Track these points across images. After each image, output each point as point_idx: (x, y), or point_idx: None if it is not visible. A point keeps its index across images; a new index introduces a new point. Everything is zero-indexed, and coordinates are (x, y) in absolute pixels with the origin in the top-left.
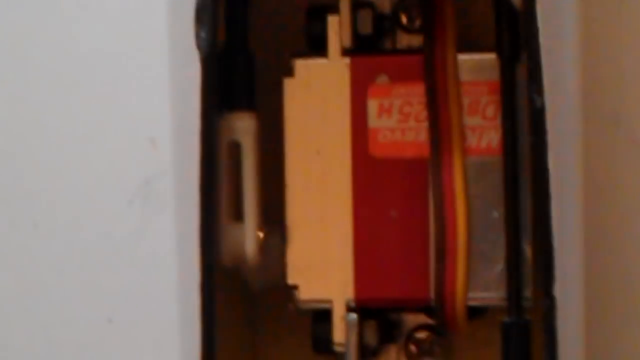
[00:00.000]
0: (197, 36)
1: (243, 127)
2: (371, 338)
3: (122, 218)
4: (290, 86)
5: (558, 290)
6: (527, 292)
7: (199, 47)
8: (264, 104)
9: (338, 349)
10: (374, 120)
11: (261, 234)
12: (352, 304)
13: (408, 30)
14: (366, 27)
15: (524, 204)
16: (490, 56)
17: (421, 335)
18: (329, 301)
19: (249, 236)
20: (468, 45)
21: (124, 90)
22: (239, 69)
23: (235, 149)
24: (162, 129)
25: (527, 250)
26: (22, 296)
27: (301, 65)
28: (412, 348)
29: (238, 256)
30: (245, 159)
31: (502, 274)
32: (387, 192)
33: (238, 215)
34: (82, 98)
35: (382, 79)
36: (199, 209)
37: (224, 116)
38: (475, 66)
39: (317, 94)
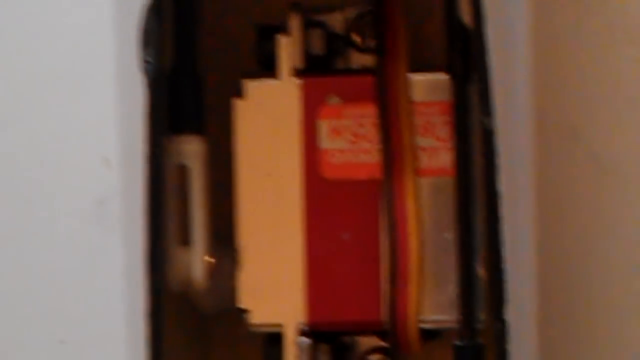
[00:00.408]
0: (143, 61)
1: (191, 151)
2: None
3: (75, 239)
4: (240, 108)
5: (512, 312)
6: (481, 315)
7: (145, 71)
8: (216, 125)
9: None
10: (325, 141)
11: (209, 259)
12: (305, 328)
13: (361, 49)
14: (317, 47)
15: (476, 226)
16: (443, 76)
17: (375, 358)
18: (281, 325)
19: (196, 261)
20: (421, 65)
21: (77, 111)
22: (187, 92)
23: (183, 172)
24: (116, 150)
25: (481, 273)
26: None
27: (252, 86)
28: None
29: (186, 281)
30: (193, 183)
31: (455, 296)
32: (339, 214)
33: (186, 239)
34: (32, 117)
35: (334, 100)
36: (145, 233)
37: (172, 139)
38: (428, 86)
39: (268, 115)
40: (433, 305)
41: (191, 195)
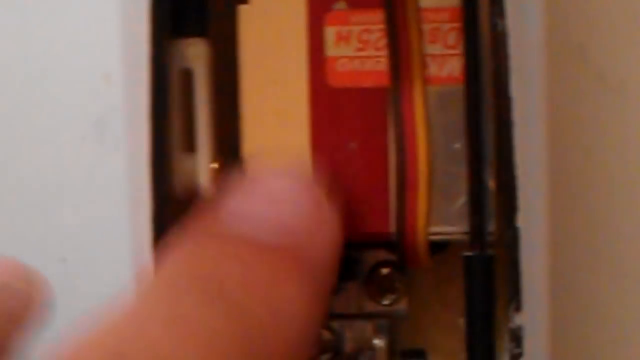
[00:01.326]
0: None
1: (195, 54)
2: None
3: (75, 156)
4: (245, 14)
5: (521, 222)
6: (491, 226)
7: None
8: (220, 31)
9: None
10: (331, 48)
11: (215, 165)
12: None
13: None
14: None
15: (486, 135)
16: None
17: (383, 271)
18: None
19: (202, 167)
20: None
21: (77, 25)
22: None
23: (187, 77)
24: (116, 65)
25: (490, 183)
26: None
27: None
28: (374, 284)
29: (192, 188)
30: (198, 86)
31: (464, 208)
32: (346, 123)
33: (191, 146)
34: (31, 32)
35: (340, 6)
36: (149, 139)
37: (175, 43)
38: None
39: (273, 21)
40: (442, 216)
41: (196, 101)
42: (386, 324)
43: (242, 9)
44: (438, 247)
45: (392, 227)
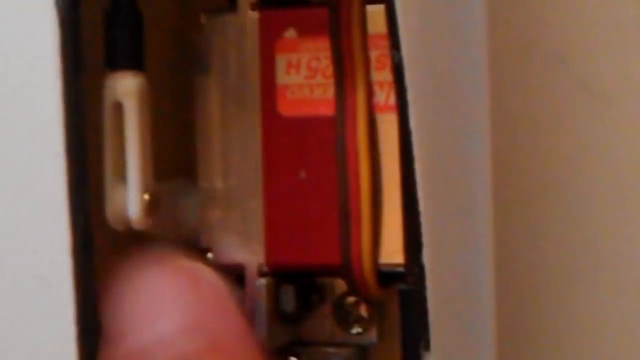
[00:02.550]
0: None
1: (125, 87)
2: (288, 304)
3: None
4: (201, 43)
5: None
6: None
7: (57, 6)
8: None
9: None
10: (282, 76)
11: (147, 196)
12: (265, 269)
13: None
14: None
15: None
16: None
17: (349, 300)
18: (242, 266)
19: (132, 198)
20: None
21: None
22: (123, 27)
23: (119, 109)
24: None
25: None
26: None
27: (212, 21)
28: (341, 313)
29: (124, 219)
30: (127, 120)
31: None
32: (296, 152)
33: (123, 177)
34: None
35: (290, 34)
36: (67, 173)
37: (108, 76)
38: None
39: (228, 50)
40: (387, 246)
41: (126, 133)
42: (354, 353)
43: (196, 37)
44: (395, 277)
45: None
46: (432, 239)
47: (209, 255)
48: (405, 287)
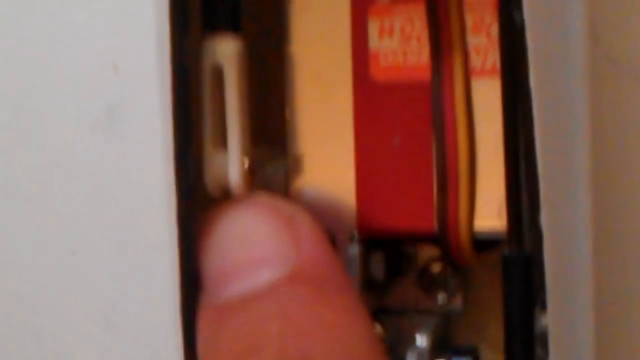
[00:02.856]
0: None
1: (225, 51)
2: (378, 271)
3: (84, 145)
4: (289, 8)
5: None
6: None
7: None
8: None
9: None
10: (375, 41)
11: (246, 162)
12: (356, 235)
13: None
14: None
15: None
16: None
17: (435, 268)
18: (333, 233)
19: (232, 164)
20: None
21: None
22: None
23: (218, 74)
24: (126, 54)
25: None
26: None
27: None
28: (427, 281)
29: (223, 186)
30: (228, 84)
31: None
32: (390, 118)
33: (223, 143)
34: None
35: None
36: (172, 138)
37: (206, 38)
38: None
39: (317, 16)
40: (484, 212)
41: (226, 97)
42: (433, 320)
43: (287, 2)
44: (488, 245)
45: (436, 224)
46: (546, 201)
47: None
48: (513, 252)
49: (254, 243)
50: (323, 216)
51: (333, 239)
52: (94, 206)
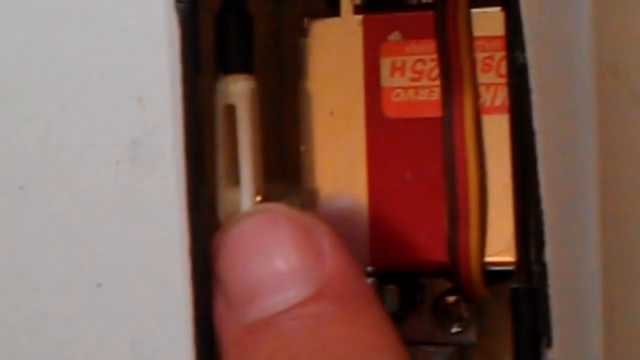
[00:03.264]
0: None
1: (238, 90)
2: (392, 303)
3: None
4: (304, 46)
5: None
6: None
7: (177, 10)
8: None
9: None
10: (386, 79)
11: (259, 198)
12: (370, 269)
13: None
14: None
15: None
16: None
17: (449, 299)
18: None
19: (244, 200)
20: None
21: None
22: (234, 30)
23: (231, 112)
24: (150, 88)
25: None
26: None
27: (315, 25)
28: (441, 313)
29: None
30: (240, 122)
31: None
32: (402, 153)
33: (235, 179)
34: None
35: (395, 36)
36: (185, 173)
37: (219, 79)
38: (490, 20)
39: (331, 54)
40: (494, 245)
41: (239, 135)
42: (447, 352)
43: (302, 42)
44: (501, 276)
45: (447, 257)
46: (552, 237)
47: None
48: (522, 285)
49: (277, 258)
50: None
51: None
52: (117, 240)
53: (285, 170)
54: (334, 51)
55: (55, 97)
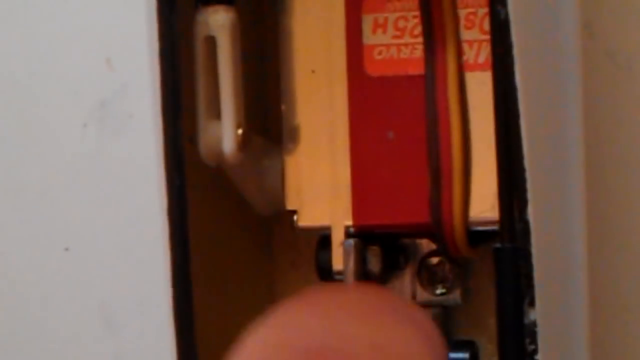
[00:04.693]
0: None
1: (218, 22)
2: (374, 265)
3: (77, 143)
4: (285, 2)
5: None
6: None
7: None
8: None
9: (337, 277)
10: (368, 36)
11: (240, 130)
12: (352, 230)
13: None
14: None
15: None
16: None
17: (432, 260)
18: (328, 227)
19: (225, 132)
20: None
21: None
22: None
23: (212, 44)
24: (118, 48)
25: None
26: None
27: None
28: (426, 274)
29: (218, 154)
30: (221, 54)
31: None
32: (384, 112)
33: (217, 113)
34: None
35: None
36: (162, 114)
37: (200, 10)
38: None
39: (312, 10)
40: (478, 204)
41: (219, 67)
42: (438, 313)
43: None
44: (485, 237)
45: (430, 217)
46: (535, 196)
47: (295, 217)
48: (505, 244)
49: None
50: (319, 210)
51: (328, 234)
52: (89, 201)
53: (267, 129)
54: (315, 8)
55: (22, 58)
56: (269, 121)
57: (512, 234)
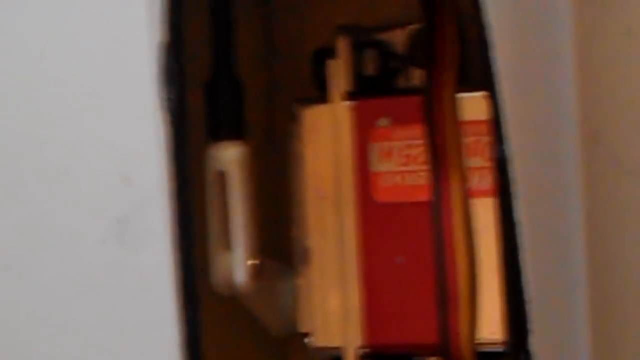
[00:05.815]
0: (164, 99)
1: (229, 157)
2: None
3: (96, 259)
4: (295, 132)
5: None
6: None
7: (166, 109)
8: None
9: None
10: (376, 164)
11: (252, 261)
12: (364, 351)
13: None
14: (371, 68)
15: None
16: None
17: None
18: (341, 348)
19: (237, 263)
20: (472, 83)
21: (98, 128)
22: (224, 98)
23: (223, 178)
24: (137, 166)
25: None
26: None
27: (305, 111)
28: None
29: (230, 284)
30: (231, 188)
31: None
32: (392, 237)
33: (228, 244)
34: (53, 131)
35: (383, 122)
36: (175, 243)
37: (211, 145)
38: (477, 104)
39: (322, 139)
40: (485, 326)
41: (230, 201)
42: None
43: (293, 127)
44: (489, 357)
45: (438, 339)
46: (538, 324)
47: (308, 339)
48: None
49: None
50: (332, 332)
51: (340, 355)
52: (105, 318)
53: (279, 252)
54: (323, 136)
55: (42, 178)
56: (281, 243)
57: (521, 355)
